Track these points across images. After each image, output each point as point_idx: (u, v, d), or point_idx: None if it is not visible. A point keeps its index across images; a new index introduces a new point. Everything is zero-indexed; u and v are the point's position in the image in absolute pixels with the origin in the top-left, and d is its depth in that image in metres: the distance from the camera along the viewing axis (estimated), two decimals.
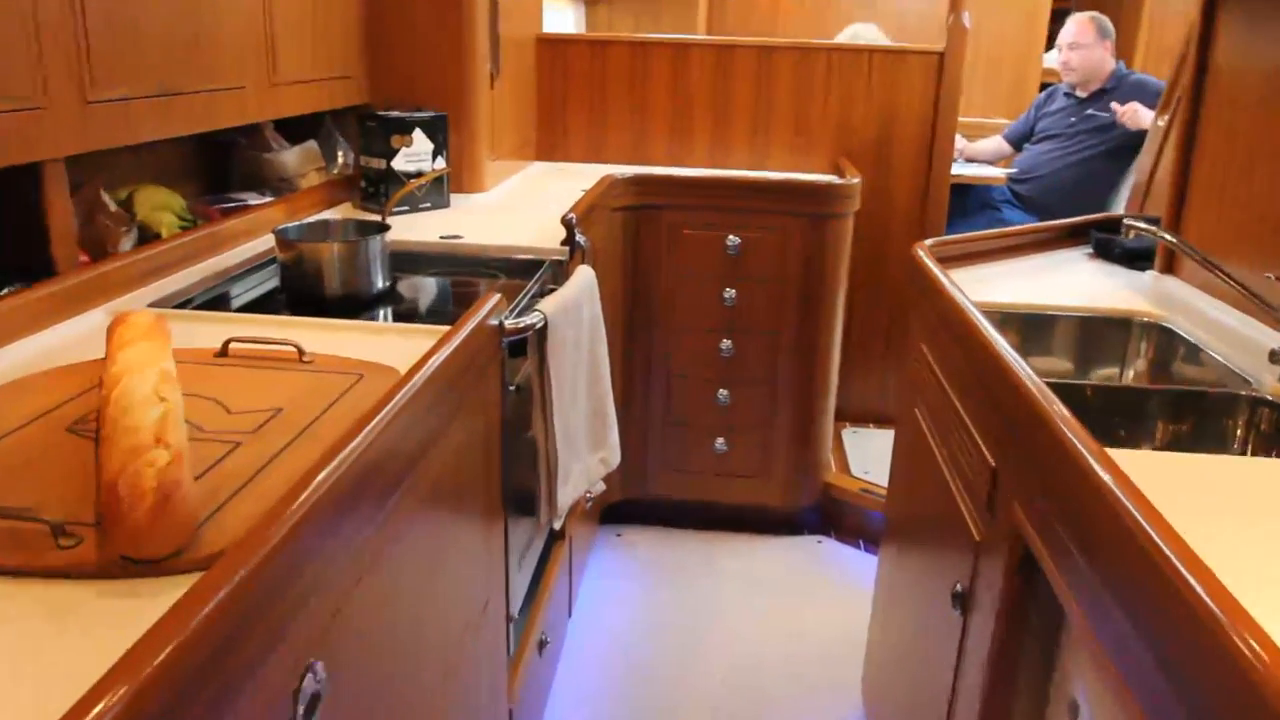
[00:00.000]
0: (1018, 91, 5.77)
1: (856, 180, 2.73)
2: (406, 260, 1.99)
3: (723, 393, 2.84)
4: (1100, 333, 1.82)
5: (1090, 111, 4.19)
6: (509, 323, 1.45)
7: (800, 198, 2.68)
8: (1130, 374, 1.82)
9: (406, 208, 2.38)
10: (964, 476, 1.44)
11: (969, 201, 4.20)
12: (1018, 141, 4.52)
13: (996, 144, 4.55)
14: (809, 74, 3.13)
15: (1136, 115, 3.93)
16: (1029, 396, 1.15)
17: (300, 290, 1.69)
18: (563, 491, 1.67)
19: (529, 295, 1.78)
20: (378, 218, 1.88)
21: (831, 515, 3.01)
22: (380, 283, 1.75)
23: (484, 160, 2.64)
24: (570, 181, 2.90)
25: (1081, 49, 4.14)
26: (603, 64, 3.19)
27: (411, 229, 2.20)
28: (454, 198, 2.53)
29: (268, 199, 2.25)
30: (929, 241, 1.94)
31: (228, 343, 1.28)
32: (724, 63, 3.14)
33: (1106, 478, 0.90)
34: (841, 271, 2.80)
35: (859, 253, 3.02)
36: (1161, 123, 2.59)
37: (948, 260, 1.97)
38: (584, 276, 1.78)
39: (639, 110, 3.20)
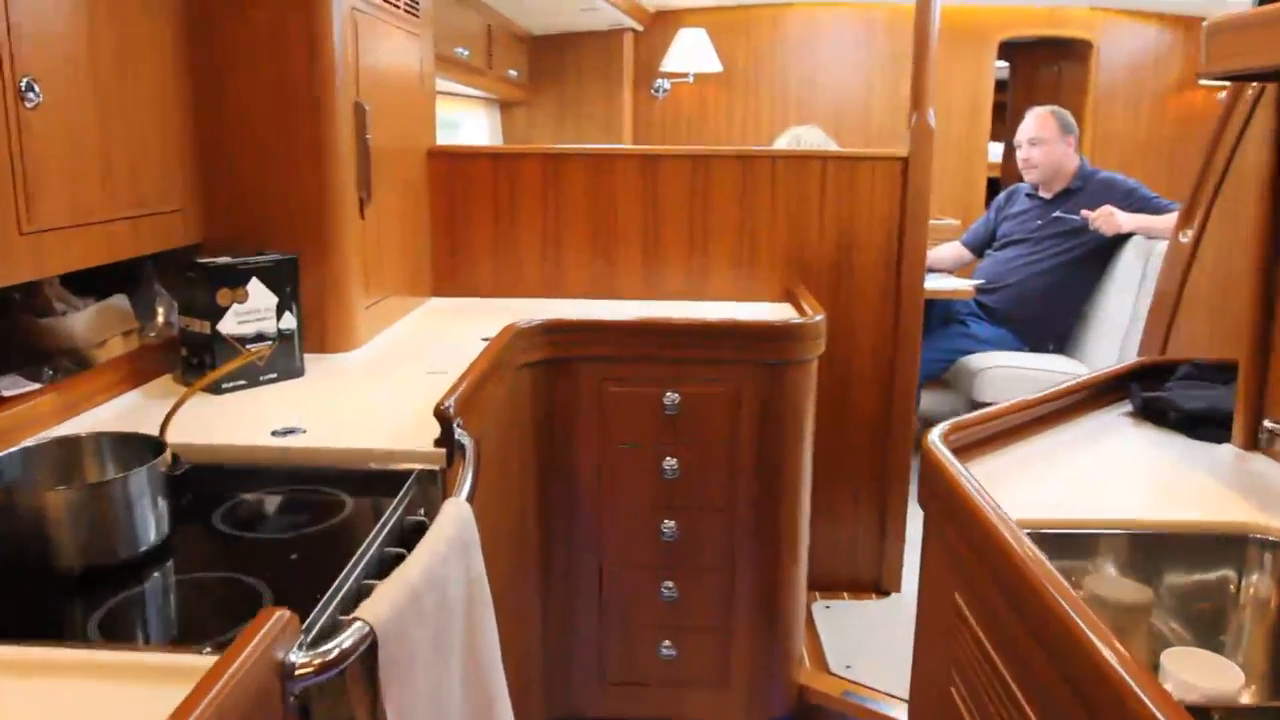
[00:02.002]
0: (967, 188, 5.44)
1: (820, 317, 2.22)
2: (211, 480, 1.40)
3: (668, 585, 2.27)
4: (1193, 557, 1.30)
5: (1057, 214, 3.80)
6: (301, 659, 0.86)
7: (752, 342, 2.16)
8: (1251, 628, 1.29)
9: (243, 382, 1.80)
10: None
11: (931, 317, 3.74)
12: (978, 247, 4.11)
13: (955, 251, 4.14)
14: (752, 186, 2.65)
15: (1112, 219, 3.54)
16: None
17: (10, 561, 1.10)
18: None
19: (371, 548, 1.20)
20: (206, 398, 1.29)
21: None
22: (150, 536, 1.16)
23: (354, 309, 2.08)
24: (471, 324, 2.35)
25: (1043, 145, 3.77)
26: (511, 180, 2.68)
27: (237, 419, 1.61)
28: (313, 361, 1.96)
29: (45, 381, 1.66)
30: (944, 428, 1.41)
31: None
32: (653, 175, 2.65)
33: None
34: (806, 429, 2.27)
35: (819, 390, 2.50)
36: (1185, 238, 2.14)
37: (965, 450, 1.45)
38: (450, 525, 1.19)
39: (555, 233, 2.68)
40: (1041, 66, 6.08)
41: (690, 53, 5.12)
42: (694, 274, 2.68)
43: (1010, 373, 3.63)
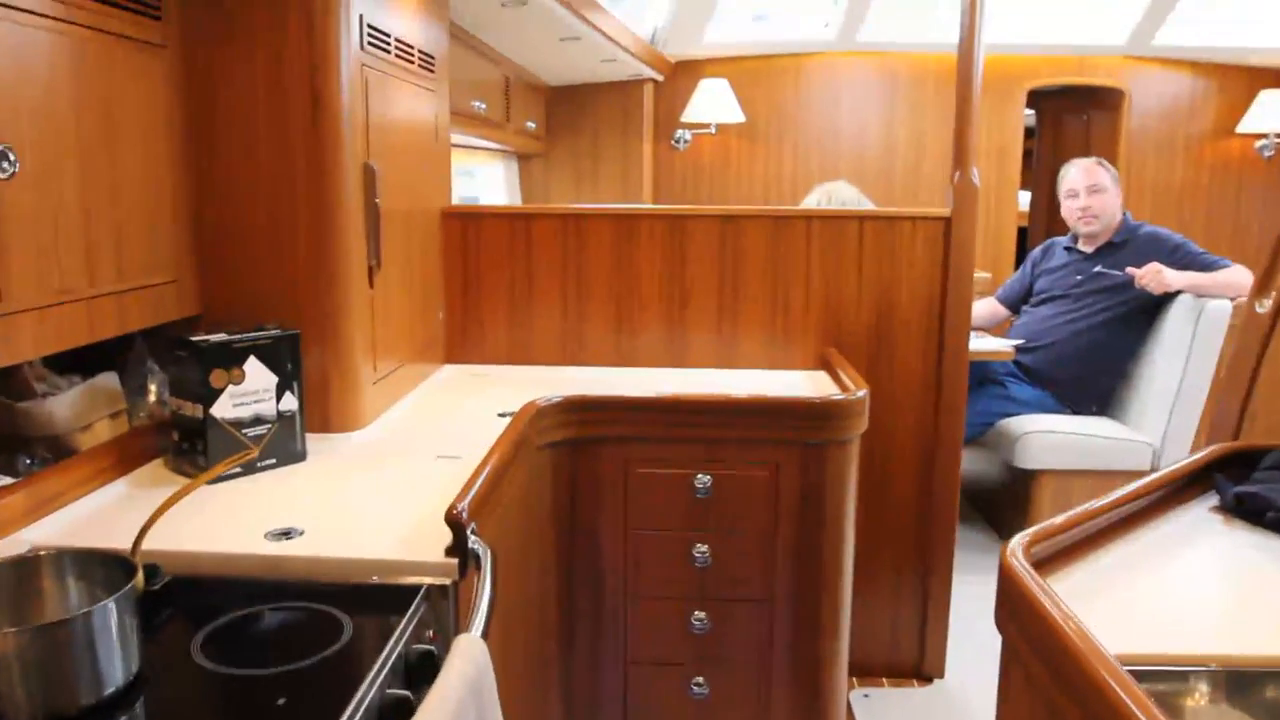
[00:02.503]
0: (996, 239, 5.29)
1: (863, 393, 2.06)
2: (194, 595, 1.24)
3: (697, 681, 2.09)
4: None
5: (1099, 269, 3.63)
6: None
7: (791, 420, 2.00)
8: None
9: (238, 470, 1.65)
10: None
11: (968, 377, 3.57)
12: (1014, 303, 3.94)
13: (990, 307, 3.97)
14: (786, 247, 2.51)
15: (1161, 277, 3.37)
16: None
17: None
18: None
19: (371, 690, 1.04)
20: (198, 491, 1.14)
21: None
22: (117, 676, 1.00)
23: (361, 385, 1.93)
24: (486, 396, 2.20)
25: (1103, 193, 3.61)
26: (529, 241, 2.54)
27: (227, 517, 1.46)
28: (316, 442, 1.81)
29: (22, 472, 1.52)
30: (1024, 540, 1.24)
31: None
32: (680, 236, 2.50)
33: None
34: (848, 513, 2.10)
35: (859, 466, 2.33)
36: (1263, 307, 1.97)
37: (1045, 564, 1.28)
38: (460, 681, 1.02)
39: (575, 298, 2.54)
40: (1068, 115, 5.96)
41: (712, 103, 5.01)
42: (723, 341, 2.53)
43: (1053, 439, 3.44)
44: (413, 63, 2.21)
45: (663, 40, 4.80)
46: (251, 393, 1.66)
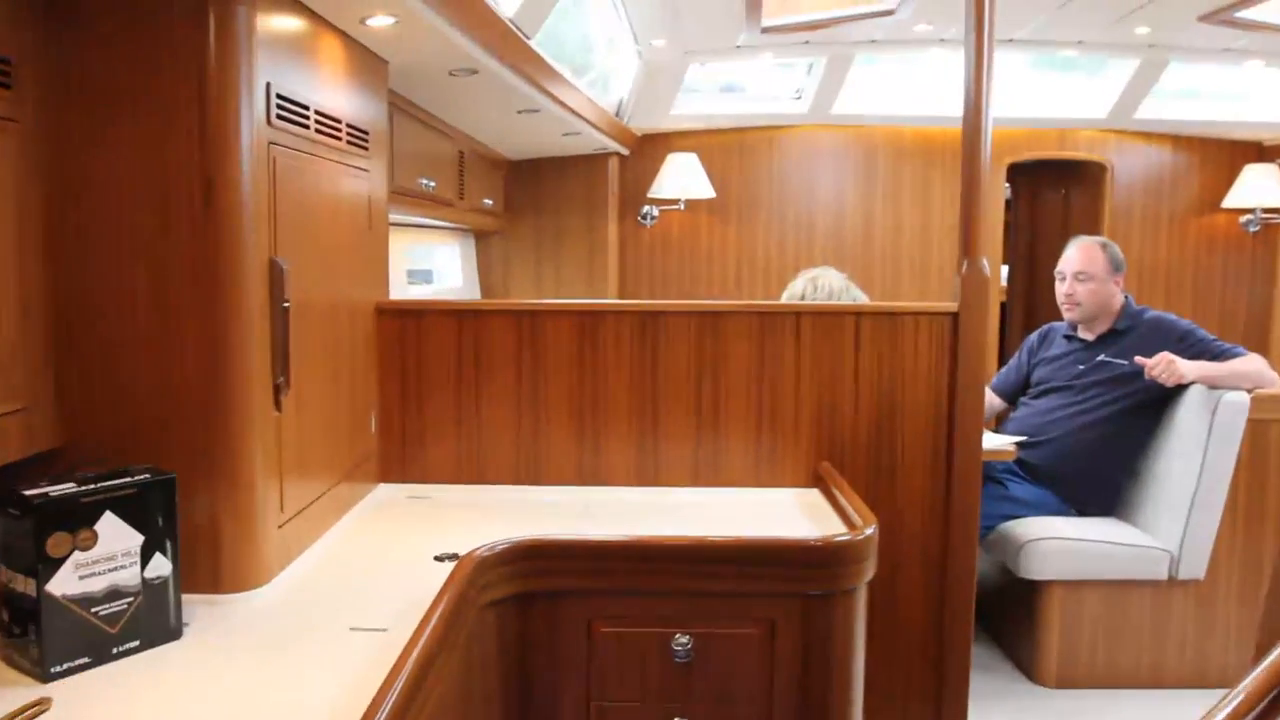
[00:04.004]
0: None
1: (872, 530, 1.72)
2: None
3: None
4: None
5: (1103, 358, 3.35)
6: None
7: (788, 566, 1.65)
8: None
9: (86, 660, 1.27)
10: None
11: None
12: (1010, 394, 3.65)
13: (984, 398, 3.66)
14: (773, 347, 2.19)
15: (1174, 367, 3.09)
16: None
17: None
18: None
19: None
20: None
21: None
22: None
23: (262, 532, 1.56)
24: (425, 529, 1.86)
25: (1091, 282, 3.35)
26: (478, 341, 2.20)
27: None
28: (200, 608, 1.44)
29: None
30: None
31: None
32: (652, 335, 2.18)
33: None
34: (856, 673, 1.74)
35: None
36: None
37: None
38: None
39: (533, 406, 2.20)
40: (1045, 189, 5.78)
41: (681, 178, 4.75)
42: (702, 455, 2.19)
43: (1061, 545, 3.12)
44: (339, 138, 1.89)
45: (628, 113, 4.55)
46: (106, 559, 1.29)
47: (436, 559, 1.70)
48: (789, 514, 2.00)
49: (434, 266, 4.75)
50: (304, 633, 1.40)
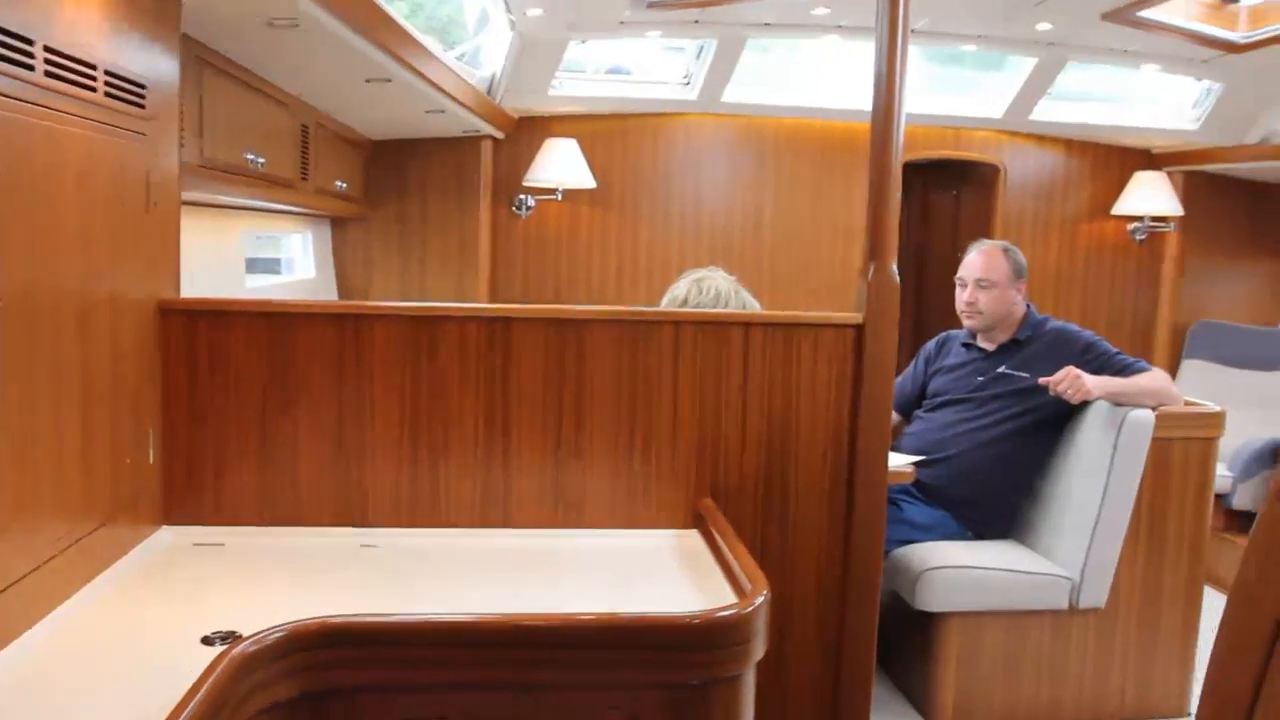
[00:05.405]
0: None
1: (762, 598, 1.39)
2: None
3: None
4: None
5: (1004, 370, 3.14)
6: None
7: (656, 650, 1.31)
8: None
9: None
10: None
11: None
12: (907, 407, 3.40)
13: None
14: (648, 362, 1.85)
15: (1081, 384, 2.88)
16: None
17: None
18: None
19: None
20: None
21: None
22: None
23: None
24: (204, 592, 1.45)
25: (992, 289, 3.12)
26: (289, 353, 1.79)
27: None
28: None
29: None
30: None
31: None
32: (502, 345, 1.81)
33: None
34: None
35: None
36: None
37: None
38: None
39: (355, 431, 1.80)
40: (936, 190, 5.63)
41: (559, 165, 4.38)
42: (561, 490, 1.84)
43: (959, 575, 2.88)
44: (92, 89, 1.46)
45: (501, 90, 4.15)
46: None
47: (205, 641, 1.30)
48: (663, 566, 1.67)
49: (284, 256, 4.28)
50: None
